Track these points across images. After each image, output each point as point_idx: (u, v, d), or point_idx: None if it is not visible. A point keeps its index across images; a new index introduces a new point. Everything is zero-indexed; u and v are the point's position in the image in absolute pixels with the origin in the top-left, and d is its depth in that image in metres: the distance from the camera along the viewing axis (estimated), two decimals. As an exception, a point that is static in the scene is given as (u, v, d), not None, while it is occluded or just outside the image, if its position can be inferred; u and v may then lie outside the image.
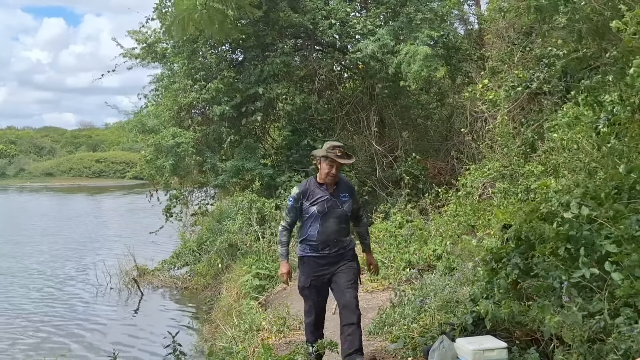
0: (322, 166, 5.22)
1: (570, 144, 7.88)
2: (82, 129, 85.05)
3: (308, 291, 5.37)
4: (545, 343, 4.41)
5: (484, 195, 10.19)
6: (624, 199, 4.25)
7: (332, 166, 5.18)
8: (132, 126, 14.84)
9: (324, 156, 5.18)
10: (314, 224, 5.25)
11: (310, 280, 5.32)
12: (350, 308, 5.17)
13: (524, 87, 10.59)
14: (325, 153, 5.17)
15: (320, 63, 15.00)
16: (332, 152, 5.15)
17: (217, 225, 13.53)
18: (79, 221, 28.51)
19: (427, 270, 8.52)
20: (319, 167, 5.27)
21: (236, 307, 10.01)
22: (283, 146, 15.27)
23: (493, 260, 5.05)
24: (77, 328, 11.34)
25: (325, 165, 5.19)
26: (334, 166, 5.18)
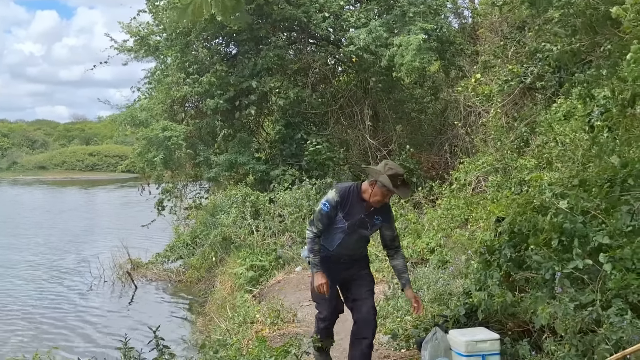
0: (375, 189, 4.59)
1: (564, 138, 7.92)
2: (75, 122, 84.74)
3: (317, 294, 4.77)
4: (537, 334, 4.45)
5: (477, 189, 10.22)
6: (617, 191, 4.28)
7: (386, 195, 4.66)
8: (123, 119, 14.81)
9: (382, 184, 4.53)
10: (336, 235, 4.73)
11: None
12: (368, 320, 4.75)
13: (518, 81, 10.62)
14: (386, 181, 4.51)
15: (314, 56, 15.00)
16: (394, 180, 4.51)
17: (211, 218, 13.54)
18: (72, 214, 28.44)
19: (420, 264, 8.55)
20: (369, 185, 4.64)
21: (230, 299, 10.04)
22: (277, 140, 15.26)
23: (486, 252, 5.09)
24: (70, 320, 11.34)
25: (380, 191, 4.58)
26: (388, 195, 4.69)
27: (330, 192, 4.71)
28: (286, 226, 12.04)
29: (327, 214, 4.63)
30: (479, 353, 4.34)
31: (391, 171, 4.55)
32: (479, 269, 5.25)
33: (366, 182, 4.71)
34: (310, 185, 12.85)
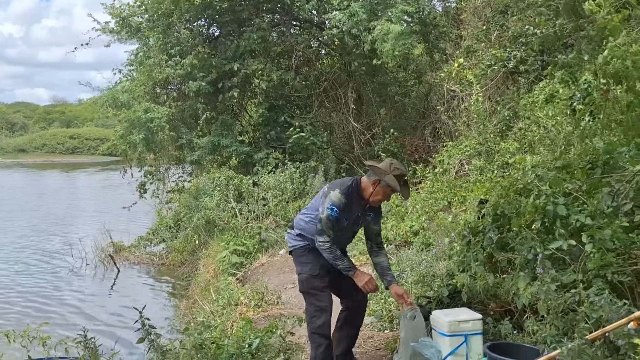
0: (377, 189, 4.43)
1: (546, 121, 7.99)
2: (55, 105, 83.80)
3: (319, 281, 4.53)
4: (518, 314, 4.52)
5: (460, 172, 10.30)
6: (598, 173, 4.34)
7: (389, 196, 4.57)
8: (104, 101, 14.64)
9: (387, 184, 4.39)
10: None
11: (318, 269, 4.54)
12: (360, 309, 4.78)
13: (501, 66, 10.67)
14: (392, 182, 4.37)
15: (297, 39, 14.93)
16: (399, 181, 4.40)
17: (194, 201, 13.50)
18: (53, 197, 28.16)
19: (404, 246, 8.61)
20: (371, 184, 4.48)
21: (214, 282, 10.05)
22: (260, 123, 15.21)
23: (469, 234, 5.14)
24: (51, 304, 11.25)
25: (383, 191, 4.45)
26: (390, 196, 4.63)
27: (335, 194, 4.39)
28: (270, 209, 12.05)
29: (336, 219, 4.38)
30: (461, 333, 4.39)
31: (397, 171, 4.41)
32: (462, 251, 5.30)
33: (366, 180, 4.51)
34: (294, 168, 12.86)
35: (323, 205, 4.41)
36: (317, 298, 4.51)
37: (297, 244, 4.62)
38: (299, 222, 4.65)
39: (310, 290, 4.53)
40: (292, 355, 5.20)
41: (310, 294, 4.54)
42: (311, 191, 12.42)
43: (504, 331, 4.41)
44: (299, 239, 4.62)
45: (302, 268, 4.57)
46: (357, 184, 4.53)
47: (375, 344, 5.54)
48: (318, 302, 4.50)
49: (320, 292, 4.51)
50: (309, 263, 4.55)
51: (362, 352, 5.34)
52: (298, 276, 4.64)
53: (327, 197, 4.42)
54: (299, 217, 4.69)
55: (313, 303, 4.52)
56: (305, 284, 4.55)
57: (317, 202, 4.59)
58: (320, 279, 4.52)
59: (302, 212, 4.72)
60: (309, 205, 4.79)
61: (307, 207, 4.75)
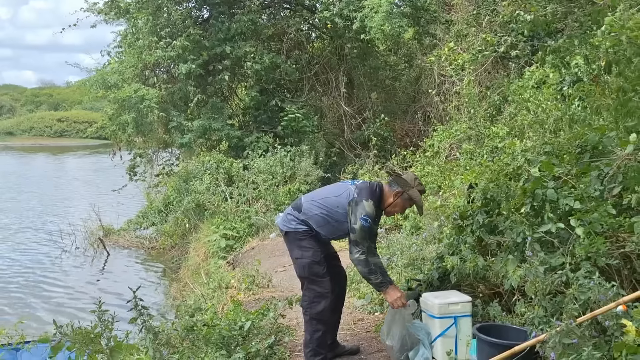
0: (398, 200, 4.48)
1: (536, 106, 8.01)
2: (43, 87, 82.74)
3: (320, 267, 4.52)
4: (507, 296, 4.57)
5: (450, 157, 10.32)
6: (587, 157, 4.37)
7: (405, 209, 4.67)
8: (94, 82, 14.53)
9: (410, 198, 4.47)
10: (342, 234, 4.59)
11: (319, 255, 4.53)
12: (343, 296, 4.91)
13: (491, 51, 10.67)
14: (417, 197, 4.46)
15: (288, 22, 14.85)
16: (421, 193, 4.53)
17: (184, 185, 13.47)
18: (42, 180, 28.00)
19: (394, 230, 8.66)
20: (392, 194, 4.51)
21: (204, 266, 10.07)
22: (251, 106, 15.16)
23: (459, 218, 5.17)
24: (40, 287, 11.26)
25: (403, 204, 4.53)
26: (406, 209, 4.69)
27: (369, 205, 4.36)
28: (260, 193, 12.05)
29: (369, 228, 4.39)
30: (451, 315, 4.44)
31: (420, 187, 4.51)
32: (452, 235, 5.34)
33: (388, 189, 4.53)
34: (285, 152, 12.86)
35: (355, 215, 4.35)
36: (318, 284, 4.49)
37: (299, 228, 4.50)
38: (311, 210, 4.50)
39: (311, 276, 4.50)
40: (283, 337, 5.24)
41: (311, 280, 4.51)
42: (300, 175, 12.43)
43: (493, 313, 4.46)
44: (302, 224, 4.51)
45: (304, 253, 4.49)
46: (381, 191, 4.53)
47: (366, 326, 5.59)
48: (319, 288, 4.49)
49: (321, 278, 4.49)
50: (310, 248, 4.48)
51: (352, 334, 5.39)
52: (297, 260, 4.53)
53: (358, 205, 4.36)
54: (311, 204, 4.53)
55: (314, 289, 4.50)
56: (307, 269, 4.49)
57: (338, 201, 4.47)
58: (321, 265, 4.50)
59: (315, 201, 4.54)
60: (324, 196, 4.59)
61: (323, 198, 4.55)
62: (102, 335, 4.06)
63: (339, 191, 4.55)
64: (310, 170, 12.54)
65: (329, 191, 4.66)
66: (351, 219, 4.37)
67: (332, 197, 4.52)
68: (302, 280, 4.58)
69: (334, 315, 4.73)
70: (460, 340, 4.43)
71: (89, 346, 3.98)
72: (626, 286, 3.80)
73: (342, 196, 4.48)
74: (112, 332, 4.11)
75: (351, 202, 4.41)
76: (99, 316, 4.18)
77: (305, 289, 4.56)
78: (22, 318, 6.84)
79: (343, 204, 4.44)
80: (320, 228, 4.50)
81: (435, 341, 4.48)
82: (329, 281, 4.53)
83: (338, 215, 4.46)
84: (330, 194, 4.59)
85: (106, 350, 3.97)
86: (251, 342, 4.82)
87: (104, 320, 4.21)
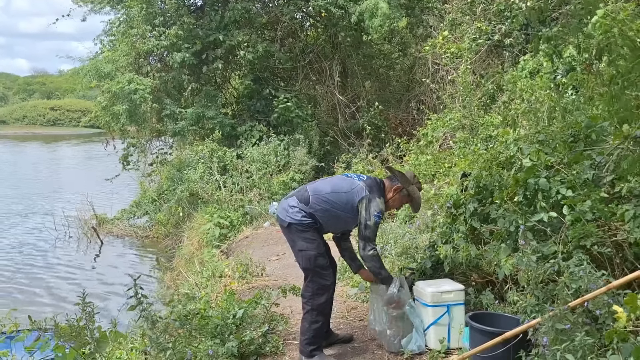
0: (397, 196, 4.58)
1: (529, 95, 8.02)
2: (36, 76, 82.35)
3: (324, 259, 4.52)
4: (500, 285, 4.60)
5: (444, 145, 10.33)
6: (580, 147, 4.38)
7: (401, 205, 4.79)
8: (87, 71, 14.44)
9: (409, 194, 4.57)
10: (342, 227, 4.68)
11: (323, 246, 4.56)
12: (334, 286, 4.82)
13: (486, 39, 10.66)
14: (416, 194, 4.57)
15: (282, 10, 14.77)
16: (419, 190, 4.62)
17: (178, 174, 13.45)
18: (35, 169, 27.91)
19: (387, 219, 8.66)
20: (393, 190, 4.58)
21: (198, 255, 10.07)
22: (244, 95, 15.11)
23: (452, 207, 5.19)
24: (33, 277, 11.24)
25: (402, 200, 4.63)
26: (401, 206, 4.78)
27: (381, 202, 4.44)
28: (254, 182, 12.04)
29: (380, 224, 4.48)
30: (444, 303, 4.47)
31: (419, 185, 4.61)
32: (445, 223, 5.36)
33: (389, 184, 4.60)
34: (278, 141, 12.84)
35: (368, 212, 4.37)
36: (322, 276, 4.49)
37: (304, 220, 4.44)
38: (319, 204, 4.45)
39: (316, 268, 4.47)
40: (276, 326, 5.26)
41: (316, 272, 4.48)
42: (294, 164, 12.42)
43: (486, 301, 4.49)
44: (308, 217, 4.45)
45: (309, 245, 4.45)
46: (382, 186, 4.60)
47: (359, 314, 5.60)
48: (323, 280, 4.49)
49: (325, 270, 4.50)
50: (314, 240, 4.47)
51: (345, 322, 5.41)
52: (302, 252, 4.48)
53: (371, 203, 4.39)
54: (318, 198, 4.47)
55: (317, 281, 4.48)
56: (313, 261, 4.46)
57: (348, 198, 4.44)
58: (325, 257, 4.52)
59: (323, 196, 4.48)
60: (332, 191, 4.52)
61: (331, 194, 4.49)
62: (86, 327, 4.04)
63: (348, 187, 4.52)
64: (304, 160, 12.54)
65: (337, 186, 4.58)
66: (364, 216, 4.39)
67: (342, 194, 4.49)
68: (307, 272, 4.53)
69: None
70: (453, 329, 4.47)
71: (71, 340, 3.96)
72: (618, 274, 3.81)
73: (351, 193, 4.47)
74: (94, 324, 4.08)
75: (363, 199, 4.41)
76: (83, 308, 4.16)
77: (309, 280, 4.52)
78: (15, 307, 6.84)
79: (353, 201, 4.44)
80: (325, 223, 4.50)
81: (428, 329, 4.51)
82: (332, 273, 4.58)
83: (347, 212, 4.46)
84: (339, 189, 4.53)
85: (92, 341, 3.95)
86: (245, 331, 4.83)
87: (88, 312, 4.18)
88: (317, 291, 4.48)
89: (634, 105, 3.98)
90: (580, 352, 3.03)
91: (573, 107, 6.40)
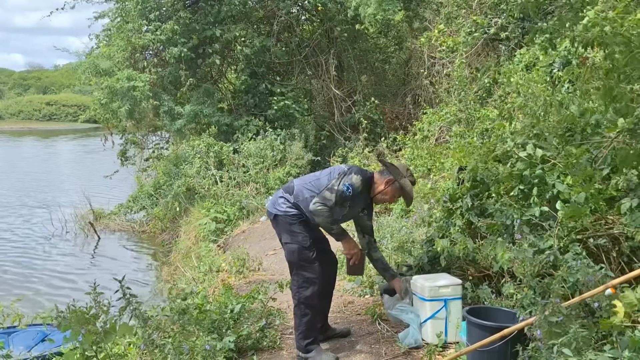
0: (388, 188, 4.46)
1: (525, 88, 8.02)
2: (31, 70, 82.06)
3: (310, 252, 4.44)
4: (496, 279, 4.61)
5: (440, 139, 10.33)
6: (576, 140, 4.38)
7: (394, 198, 4.61)
8: (85, 68, 14.39)
9: (401, 187, 4.44)
10: None
11: (309, 241, 4.46)
12: (333, 281, 4.88)
13: (481, 32, 10.65)
14: (408, 187, 4.43)
15: (278, 4, 14.74)
16: (412, 184, 4.49)
17: (174, 169, 13.44)
18: (32, 164, 27.83)
19: (384, 213, 8.68)
20: (384, 182, 4.48)
21: (195, 249, 10.07)
22: (241, 90, 15.09)
23: (449, 201, 5.19)
24: (30, 271, 11.23)
25: (393, 193, 4.49)
26: (394, 199, 4.63)
27: (356, 178, 4.33)
28: (250, 177, 12.04)
29: (345, 198, 4.30)
30: (441, 298, 4.48)
31: (412, 177, 4.48)
32: (442, 218, 5.36)
33: (379, 177, 4.50)
34: (275, 135, 12.84)
35: (339, 180, 4.31)
36: (307, 270, 4.44)
37: (289, 211, 4.43)
38: (302, 193, 4.43)
39: (300, 261, 4.44)
40: (274, 320, 5.26)
41: (300, 266, 4.45)
42: (291, 158, 12.43)
43: (483, 295, 4.50)
44: (293, 207, 4.43)
45: (293, 238, 4.43)
46: (372, 177, 4.51)
47: (356, 309, 5.61)
48: (308, 273, 4.44)
49: (310, 264, 4.43)
50: (299, 234, 4.42)
51: (342, 317, 5.41)
52: (286, 245, 4.47)
53: (346, 175, 4.33)
54: (302, 186, 4.46)
55: (302, 274, 4.45)
56: (296, 255, 4.43)
57: (326, 181, 4.39)
58: (310, 250, 4.43)
59: (307, 183, 4.48)
60: (315, 178, 4.51)
61: (314, 180, 4.48)
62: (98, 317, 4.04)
63: (328, 171, 4.51)
64: (300, 154, 12.54)
65: (321, 173, 4.57)
66: (334, 182, 4.31)
67: (324, 178, 4.45)
68: (291, 265, 4.53)
69: (323, 300, 4.71)
70: (450, 323, 4.47)
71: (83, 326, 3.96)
72: (614, 268, 3.83)
73: (332, 174, 4.43)
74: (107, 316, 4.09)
75: (340, 174, 4.37)
76: (94, 298, 4.15)
77: (294, 274, 4.52)
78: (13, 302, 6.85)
79: (330, 179, 4.39)
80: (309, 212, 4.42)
81: (425, 323, 4.52)
82: (318, 266, 4.47)
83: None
84: (322, 175, 4.51)
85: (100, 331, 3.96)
86: (242, 326, 4.84)
87: (99, 302, 4.17)
88: (302, 284, 4.44)
89: (630, 98, 3.98)
90: (575, 344, 3.04)
91: (569, 101, 6.40)
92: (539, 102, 6.52)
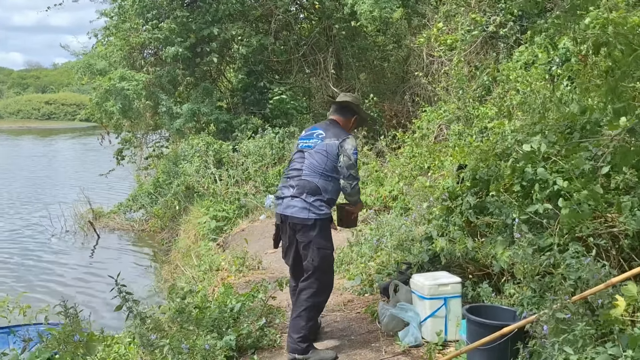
0: (354, 124, 4.71)
1: (524, 86, 8.01)
2: (30, 69, 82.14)
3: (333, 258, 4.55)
4: (496, 277, 4.61)
5: (439, 137, 10.32)
6: (576, 137, 4.38)
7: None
8: (79, 67, 14.39)
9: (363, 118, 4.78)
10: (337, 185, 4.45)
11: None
12: None
13: (480, 30, 10.64)
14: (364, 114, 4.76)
15: (276, 2, 14.72)
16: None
17: (174, 167, 13.43)
18: (31, 163, 27.81)
19: (383, 211, 8.68)
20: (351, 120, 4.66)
21: (194, 248, 10.06)
22: (239, 89, 15.08)
23: (448, 199, 5.18)
24: (29, 270, 11.22)
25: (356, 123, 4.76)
26: None
27: (352, 140, 4.39)
28: (249, 175, 12.04)
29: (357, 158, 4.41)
30: (441, 296, 4.48)
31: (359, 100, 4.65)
32: (441, 216, 5.35)
33: (343, 119, 4.62)
34: (274, 134, 12.83)
35: (346, 153, 4.31)
36: (329, 275, 4.47)
37: (328, 213, 4.34)
38: (327, 186, 4.34)
39: (328, 267, 4.42)
40: (273, 319, 5.26)
41: (324, 271, 4.38)
42: (290, 156, 12.40)
43: (483, 294, 4.50)
44: (326, 205, 4.34)
45: (327, 244, 4.37)
46: (347, 126, 4.64)
47: (355, 307, 5.61)
48: (328, 279, 4.47)
49: (331, 268, 4.52)
50: (331, 237, 4.41)
51: (342, 315, 5.41)
52: (320, 250, 4.31)
53: (345, 144, 4.34)
54: (321, 180, 4.33)
55: (323, 280, 4.39)
56: (327, 260, 4.39)
57: (328, 161, 4.34)
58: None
59: (319, 175, 4.35)
60: (320, 164, 4.37)
61: (325, 169, 4.36)
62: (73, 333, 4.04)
63: (323, 151, 4.40)
64: (297, 151, 12.51)
65: (316, 160, 4.40)
66: (345, 160, 4.31)
67: (329, 161, 4.36)
68: (317, 270, 4.34)
69: None
70: (450, 321, 4.47)
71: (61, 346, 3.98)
72: (614, 265, 3.83)
73: (331, 153, 4.37)
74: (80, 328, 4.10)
75: (339, 148, 4.35)
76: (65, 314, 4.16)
77: (314, 279, 4.34)
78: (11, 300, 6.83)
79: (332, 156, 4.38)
80: (337, 195, 4.48)
81: (425, 322, 4.52)
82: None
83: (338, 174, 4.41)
84: (322, 160, 4.38)
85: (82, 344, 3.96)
86: (242, 324, 4.83)
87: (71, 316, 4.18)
88: (320, 290, 4.39)
89: (630, 96, 3.98)
90: (581, 342, 3.04)
91: (568, 99, 6.40)
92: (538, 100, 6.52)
